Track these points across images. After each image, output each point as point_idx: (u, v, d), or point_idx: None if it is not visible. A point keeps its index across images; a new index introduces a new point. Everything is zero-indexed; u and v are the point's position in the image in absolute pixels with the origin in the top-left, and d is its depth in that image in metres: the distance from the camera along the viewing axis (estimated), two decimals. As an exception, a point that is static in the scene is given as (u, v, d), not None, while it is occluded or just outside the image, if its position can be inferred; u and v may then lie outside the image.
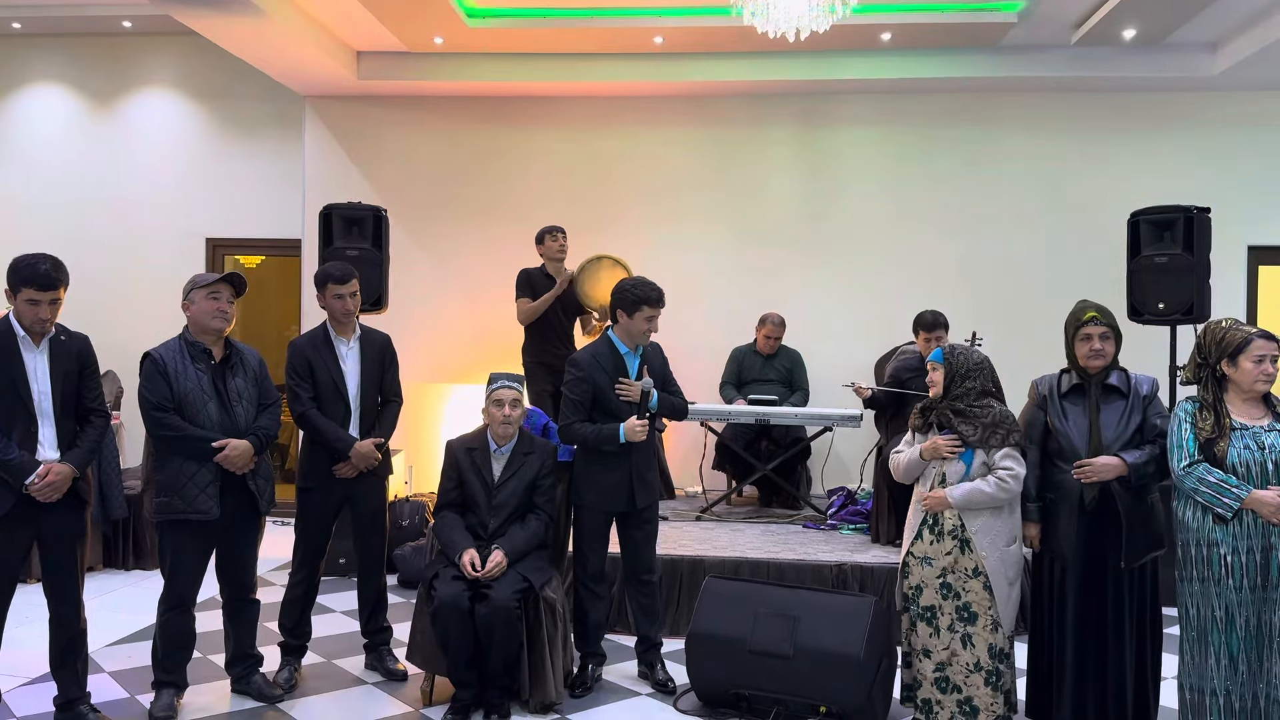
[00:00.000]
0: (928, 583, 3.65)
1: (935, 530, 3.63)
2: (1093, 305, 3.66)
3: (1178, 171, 7.23)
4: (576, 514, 4.32)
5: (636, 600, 4.37)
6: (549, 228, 6.19)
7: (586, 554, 4.28)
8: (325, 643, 4.79)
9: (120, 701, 4.05)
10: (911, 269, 7.40)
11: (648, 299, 4.16)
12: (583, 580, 4.29)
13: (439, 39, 6.93)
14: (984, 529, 3.56)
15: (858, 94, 7.46)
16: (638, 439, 4.11)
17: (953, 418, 3.62)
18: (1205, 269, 5.69)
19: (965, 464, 3.58)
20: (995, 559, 3.55)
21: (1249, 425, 3.20)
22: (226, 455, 3.75)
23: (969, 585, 3.58)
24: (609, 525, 4.30)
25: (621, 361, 4.22)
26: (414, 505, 6.32)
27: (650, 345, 4.33)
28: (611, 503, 4.23)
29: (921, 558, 3.66)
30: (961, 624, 3.60)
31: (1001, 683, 3.59)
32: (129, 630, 4.96)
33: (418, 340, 7.35)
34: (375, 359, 4.40)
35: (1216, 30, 6.56)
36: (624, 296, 4.17)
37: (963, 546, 3.58)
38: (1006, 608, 3.58)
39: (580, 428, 4.14)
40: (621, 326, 4.20)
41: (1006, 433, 3.55)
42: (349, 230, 6.05)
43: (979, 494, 3.53)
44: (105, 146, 8.07)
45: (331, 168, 7.71)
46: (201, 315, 3.81)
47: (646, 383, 4.18)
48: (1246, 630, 3.16)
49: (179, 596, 3.86)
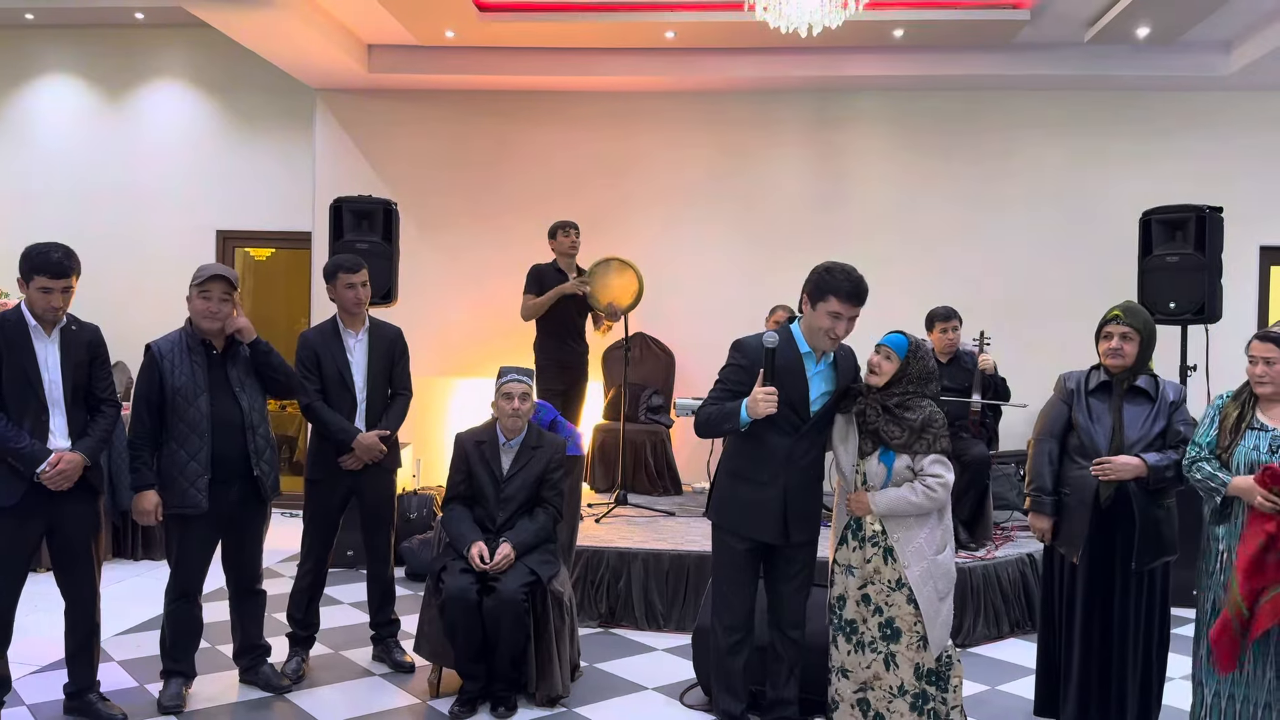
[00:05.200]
0: (850, 593, 3.43)
1: (858, 536, 3.43)
2: (1123, 305, 3.60)
3: (1190, 171, 7.19)
4: (714, 541, 3.67)
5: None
6: (562, 223, 6.16)
7: (725, 594, 3.57)
8: (333, 634, 4.80)
9: (130, 690, 4.07)
10: (922, 267, 7.37)
11: (836, 289, 3.33)
12: (717, 629, 3.63)
13: (450, 33, 6.93)
14: (908, 537, 3.34)
15: (870, 91, 7.44)
16: (763, 412, 3.32)
17: (881, 414, 3.38)
18: (1217, 269, 5.66)
19: (887, 466, 3.36)
20: (919, 570, 3.33)
21: (1270, 428, 3.18)
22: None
23: (892, 599, 3.34)
24: (755, 560, 3.58)
25: (799, 361, 3.45)
26: (422, 498, 6.33)
27: (845, 355, 3.56)
28: (757, 529, 3.51)
29: (845, 565, 3.46)
30: (885, 642, 3.35)
31: (931, 707, 3.34)
32: (138, 620, 4.98)
33: (427, 334, 7.35)
34: (384, 352, 4.40)
35: (1230, 30, 6.53)
36: (811, 279, 3.42)
37: (885, 555, 3.36)
38: (935, 624, 3.32)
39: (706, 409, 3.51)
40: (805, 318, 3.46)
41: (934, 438, 3.34)
42: (359, 223, 6.06)
43: (904, 502, 3.32)
44: (116, 138, 8.09)
45: (342, 161, 7.72)
46: (194, 314, 3.82)
47: (770, 337, 3.39)
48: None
49: (184, 587, 3.87)
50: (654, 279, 6.49)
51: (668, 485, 6.90)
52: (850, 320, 3.39)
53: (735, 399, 3.44)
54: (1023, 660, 4.61)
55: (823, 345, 3.42)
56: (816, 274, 3.42)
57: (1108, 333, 3.56)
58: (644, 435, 6.91)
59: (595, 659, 4.56)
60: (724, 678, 3.65)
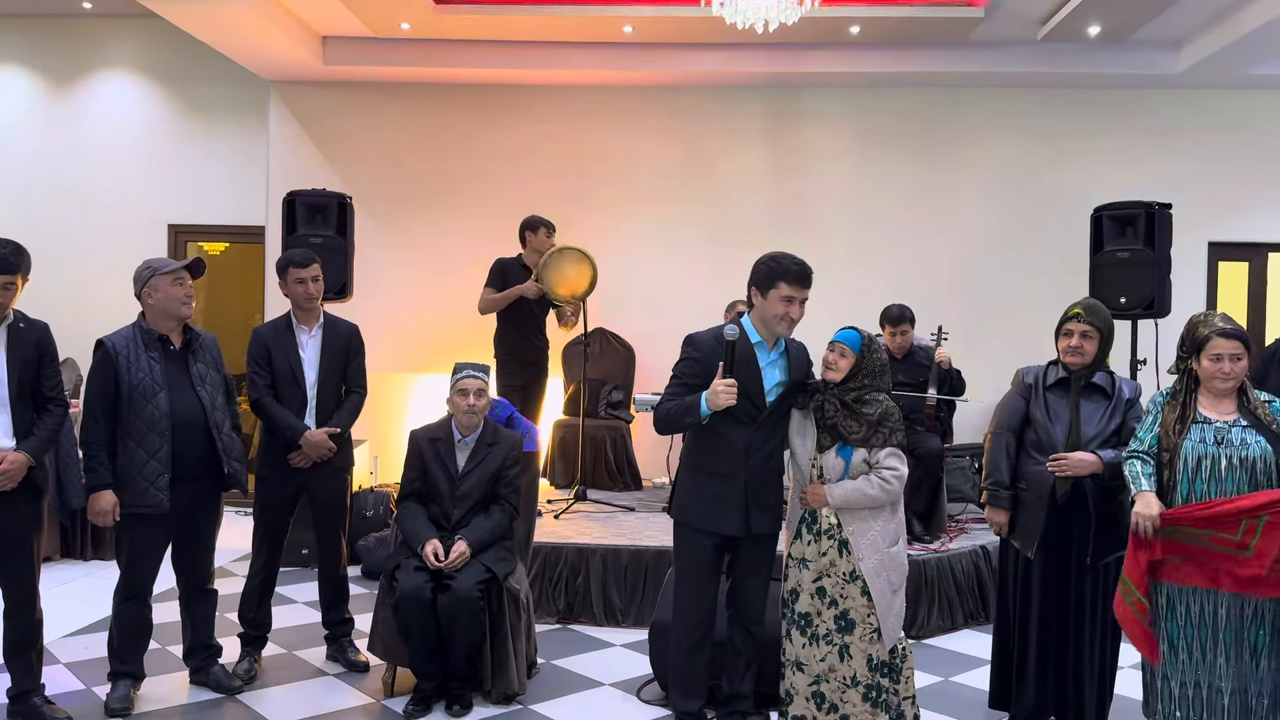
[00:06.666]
0: (804, 587, 3.46)
1: (813, 529, 3.46)
2: (1084, 303, 3.63)
3: (1141, 167, 7.30)
4: (676, 540, 3.68)
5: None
6: (545, 221, 5.98)
7: (688, 594, 3.58)
8: (286, 633, 4.74)
9: (76, 693, 3.99)
10: (879, 262, 7.42)
11: (785, 272, 3.41)
12: (678, 629, 3.63)
13: (406, 25, 6.86)
14: (863, 530, 3.39)
15: (827, 87, 7.47)
16: (724, 403, 3.35)
17: (840, 409, 3.42)
18: (1166, 264, 5.75)
19: (845, 460, 3.40)
20: (874, 562, 3.38)
21: (1213, 420, 3.23)
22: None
23: (847, 590, 3.39)
24: (719, 557, 3.61)
25: (751, 351, 3.50)
26: (378, 496, 6.28)
27: (797, 346, 3.63)
28: (720, 522, 3.52)
29: (799, 559, 3.48)
30: (839, 634, 3.39)
31: (884, 699, 3.39)
32: (86, 621, 4.89)
33: (384, 329, 7.27)
34: (338, 348, 4.35)
35: (1180, 28, 6.63)
36: (757, 270, 3.50)
37: (840, 548, 3.41)
38: (889, 616, 3.38)
39: (664, 405, 3.52)
40: (756, 310, 3.54)
41: (890, 431, 3.40)
42: (313, 217, 5.99)
43: (860, 495, 3.37)
44: (65, 130, 7.92)
45: (296, 154, 7.61)
46: (169, 302, 3.75)
47: (731, 330, 3.42)
48: (1187, 618, 3.20)
49: (135, 587, 3.81)
50: (614, 274, 6.48)
51: (628, 481, 6.90)
52: (801, 303, 3.47)
53: (691, 393, 3.46)
54: (977, 652, 4.66)
55: (780, 331, 3.49)
56: (762, 264, 3.51)
57: (1068, 330, 3.58)
58: (604, 431, 6.90)
59: (552, 656, 4.54)
60: (684, 678, 3.65)
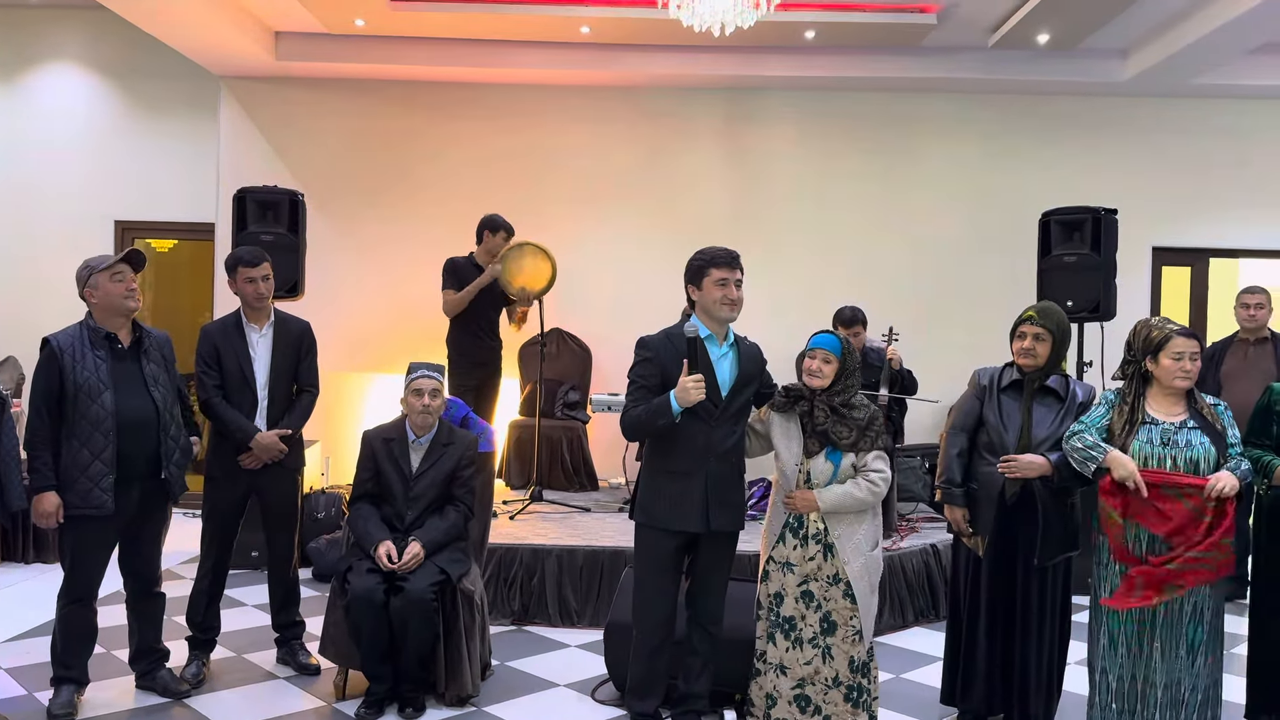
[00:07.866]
0: (789, 590, 3.48)
1: (799, 534, 3.48)
2: (1038, 306, 3.69)
3: (1088, 173, 7.44)
4: (637, 542, 3.65)
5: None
6: (505, 224, 5.94)
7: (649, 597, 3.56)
8: (235, 636, 4.67)
9: (17, 699, 3.90)
10: (832, 264, 7.49)
11: (712, 259, 3.50)
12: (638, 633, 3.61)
13: (360, 21, 6.79)
14: (848, 533, 3.43)
15: (782, 91, 7.52)
16: (694, 399, 3.36)
17: (830, 415, 3.45)
18: (1112, 268, 5.87)
19: (834, 464, 3.43)
20: (859, 565, 3.42)
21: (1160, 421, 3.30)
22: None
23: (830, 593, 3.43)
24: (680, 558, 3.61)
25: (703, 346, 3.52)
26: (330, 497, 6.21)
27: (747, 343, 3.65)
28: (681, 520, 3.50)
29: (783, 563, 3.50)
30: (824, 636, 3.44)
31: (863, 699, 3.44)
32: (28, 625, 4.78)
33: (336, 328, 7.19)
34: (289, 347, 4.29)
35: (1127, 38, 6.78)
36: (688, 268, 3.57)
37: (826, 552, 3.44)
38: (868, 618, 3.44)
39: (631, 411, 3.51)
40: (698, 305, 3.57)
41: (876, 434, 3.45)
42: (264, 214, 5.90)
43: (851, 498, 3.40)
44: (8, 123, 7.73)
45: (247, 150, 7.50)
46: (111, 298, 3.67)
47: (691, 326, 3.45)
48: (1128, 613, 3.28)
49: (80, 590, 3.73)
50: (570, 274, 6.46)
51: (584, 481, 6.89)
52: (737, 284, 3.52)
53: (653, 395, 3.47)
54: (928, 649, 4.72)
55: (724, 315, 3.52)
56: (690, 261, 3.59)
57: (1021, 332, 3.63)
58: (560, 431, 6.88)
59: (507, 657, 4.52)
60: (644, 681, 3.64)
